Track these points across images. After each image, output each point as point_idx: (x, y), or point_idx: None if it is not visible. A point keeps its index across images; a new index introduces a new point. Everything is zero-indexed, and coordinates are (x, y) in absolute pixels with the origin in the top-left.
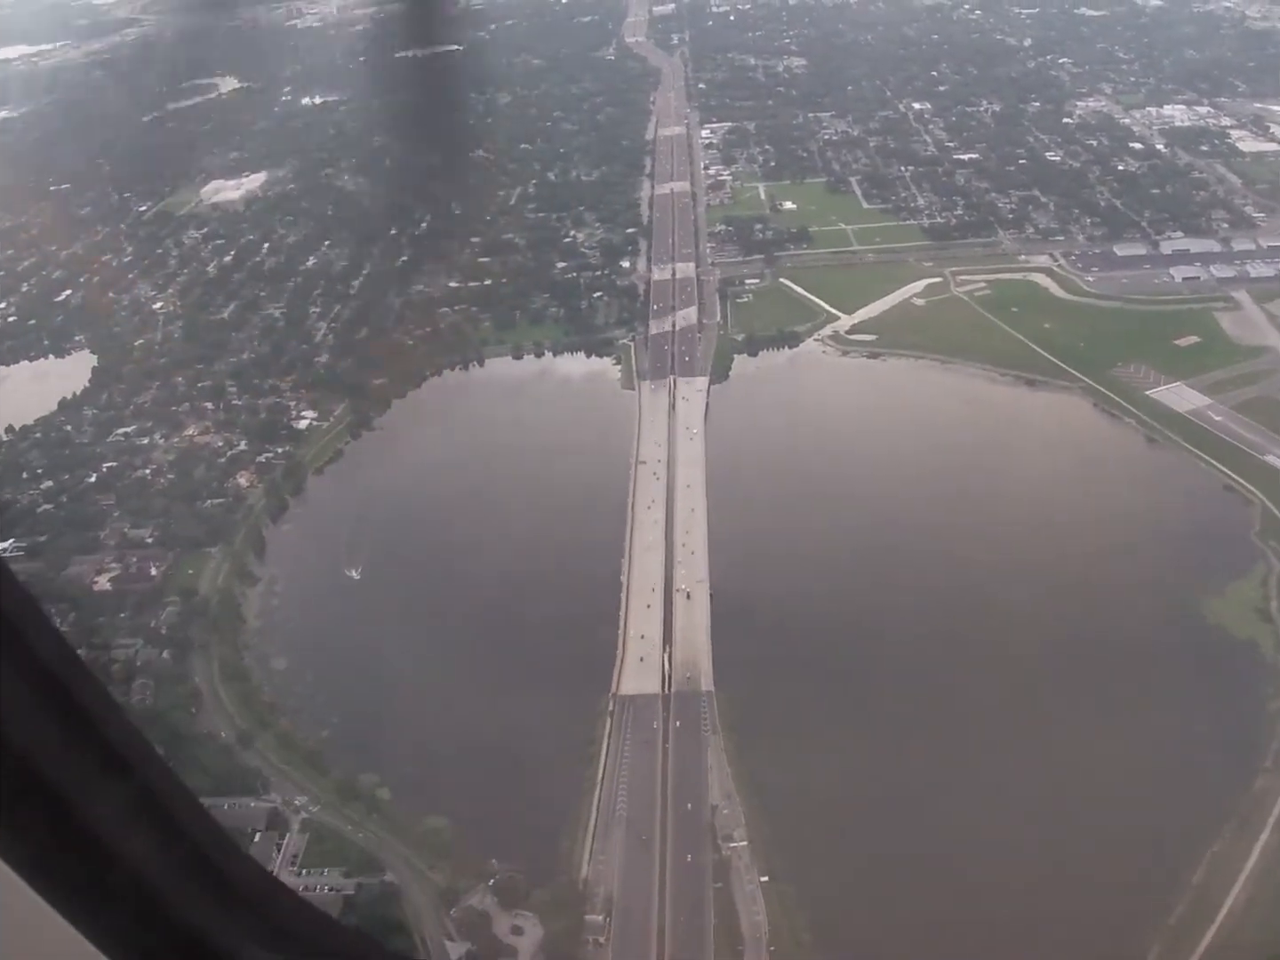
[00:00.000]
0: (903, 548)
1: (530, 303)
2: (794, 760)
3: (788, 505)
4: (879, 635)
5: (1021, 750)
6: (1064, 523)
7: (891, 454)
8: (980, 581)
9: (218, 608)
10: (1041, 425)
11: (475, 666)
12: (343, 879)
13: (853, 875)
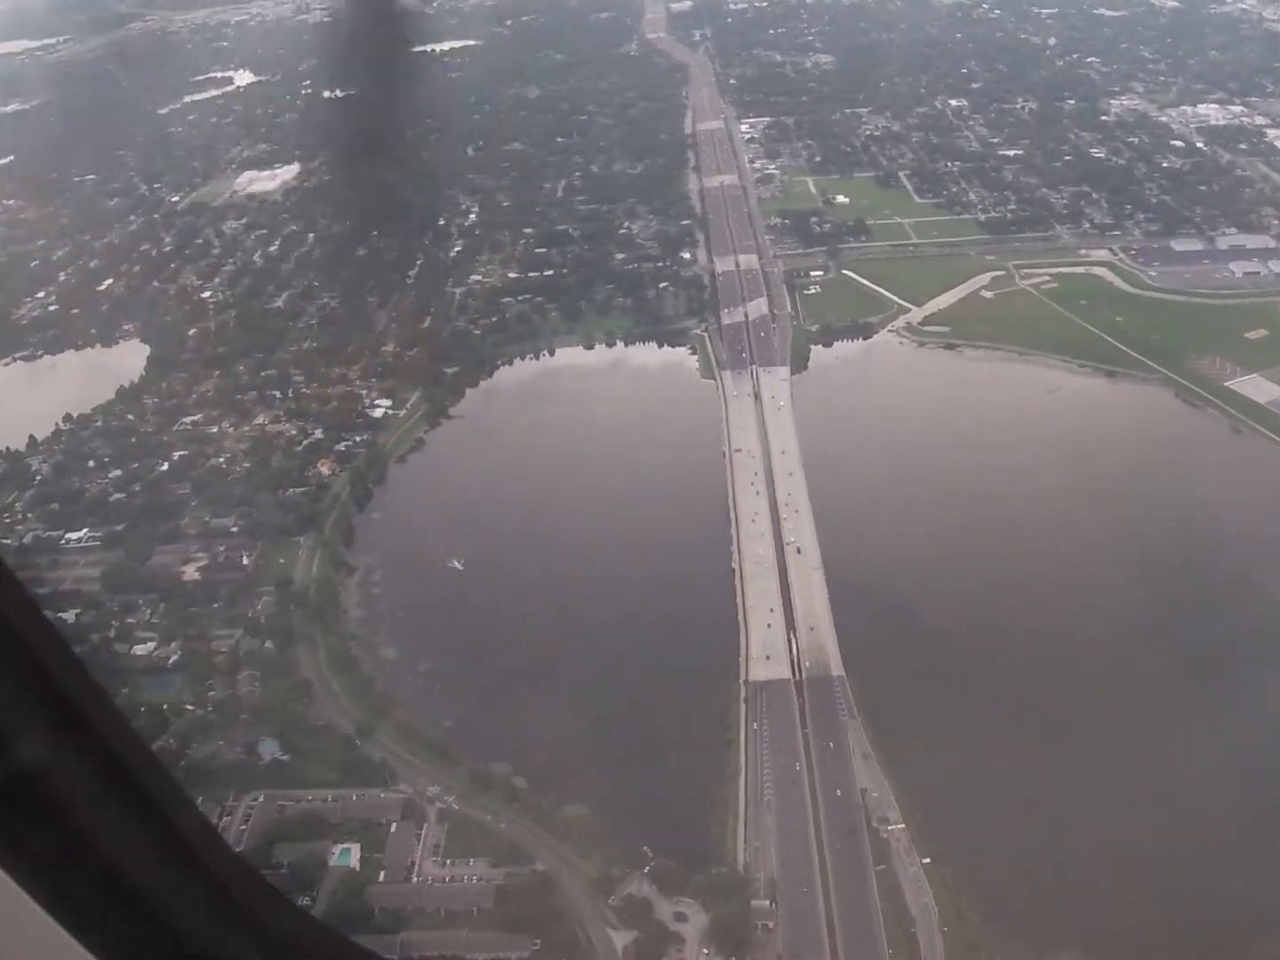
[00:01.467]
0: (1010, 534)
1: (595, 293)
2: (935, 743)
3: (888, 492)
4: (996, 620)
5: (1161, 732)
6: (1166, 508)
7: (985, 443)
8: (1094, 569)
9: (316, 597)
10: (1129, 415)
11: (595, 655)
12: (490, 869)
13: (1010, 856)
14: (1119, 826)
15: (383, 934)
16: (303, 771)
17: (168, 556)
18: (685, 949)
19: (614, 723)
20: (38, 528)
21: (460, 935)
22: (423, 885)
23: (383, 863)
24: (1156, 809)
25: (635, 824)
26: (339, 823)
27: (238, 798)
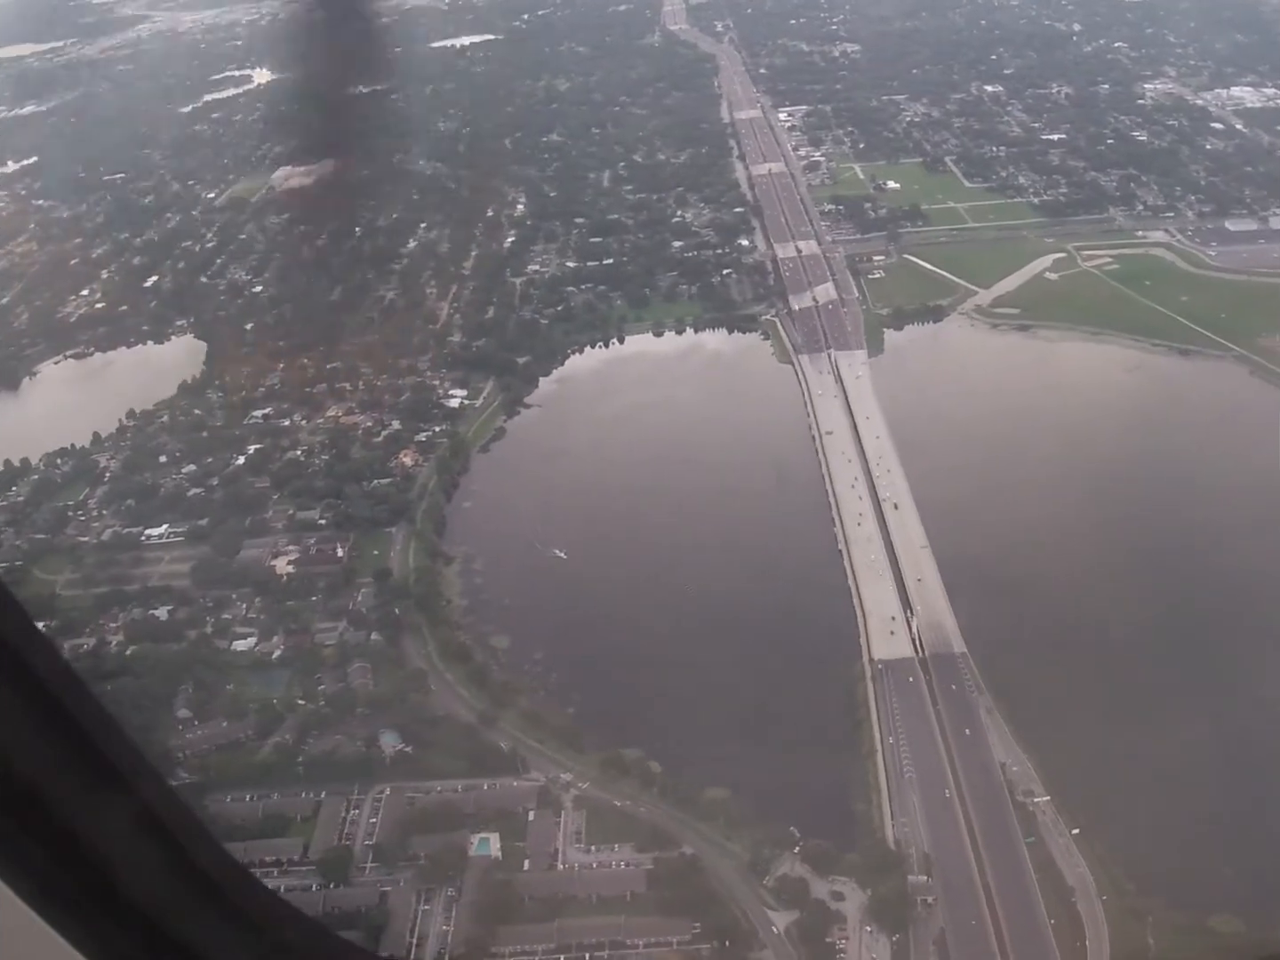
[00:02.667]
0: (1111, 507)
1: (658, 280)
2: (1066, 715)
3: (984, 471)
4: (1109, 592)
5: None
6: (1268, 479)
7: (1072, 421)
8: (1204, 538)
9: (418, 588)
10: (1209, 391)
11: (711, 638)
12: (636, 854)
13: (1157, 824)
14: (1262, 791)
15: (536, 922)
16: (428, 762)
17: (257, 550)
18: (847, 927)
19: (740, 704)
20: (115, 524)
21: (617, 920)
22: (570, 872)
23: (525, 851)
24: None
25: (777, 805)
26: (474, 812)
27: (363, 791)
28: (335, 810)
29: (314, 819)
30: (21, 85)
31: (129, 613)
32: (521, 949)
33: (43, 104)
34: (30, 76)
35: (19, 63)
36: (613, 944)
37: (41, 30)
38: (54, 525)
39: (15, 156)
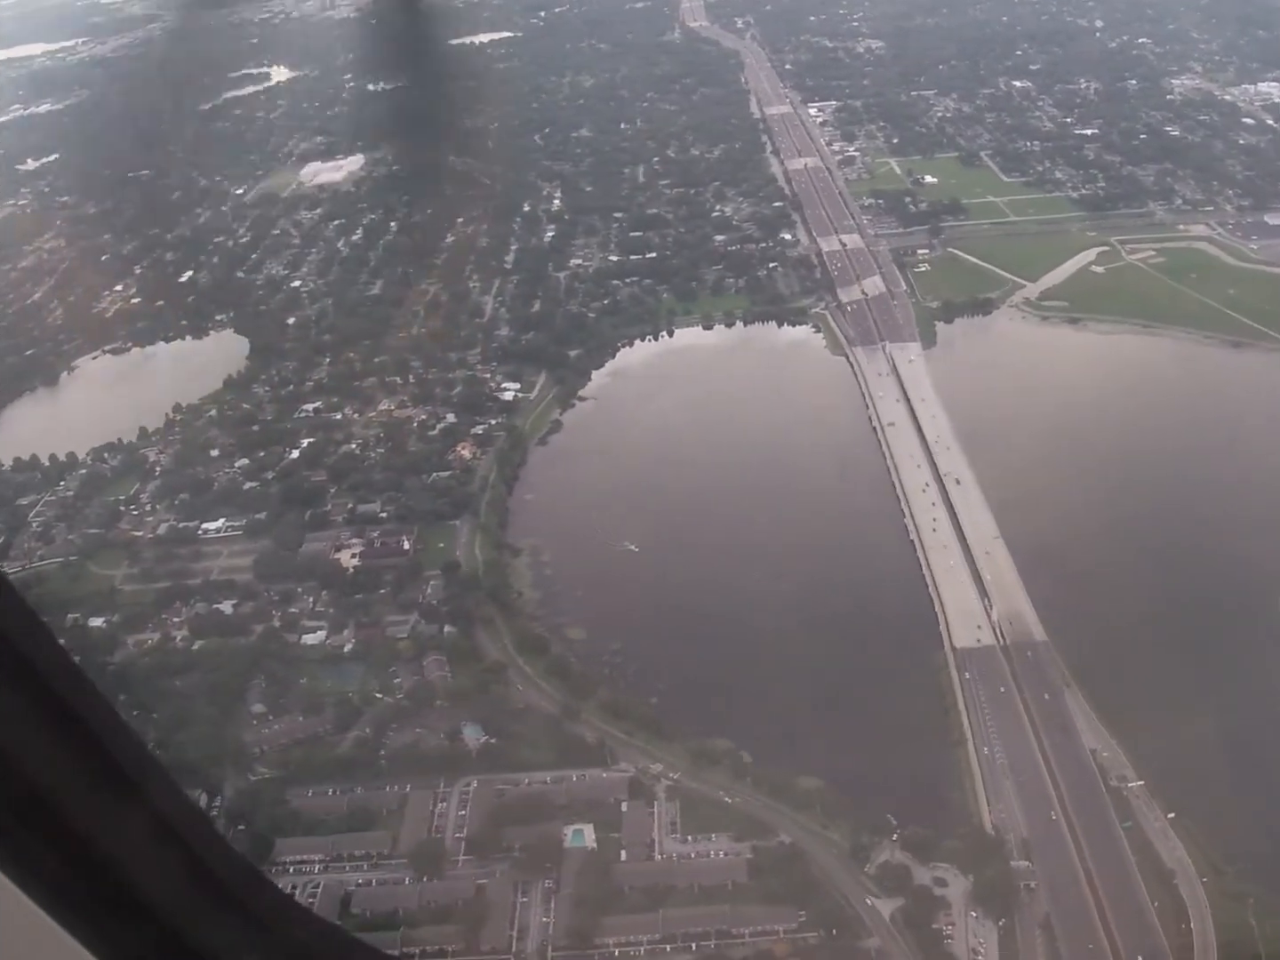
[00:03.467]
0: (1180, 497)
1: (703, 274)
2: (1152, 701)
3: (1048, 460)
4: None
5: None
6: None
7: (1134, 413)
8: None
9: (488, 580)
10: (1265, 383)
11: (788, 628)
12: (734, 843)
13: (1250, 808)
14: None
15: (639, 913)
16: (514, 755)
17: (319, 544)
18: (952, 913)
19: (824, 693)
20: (169, 519)
21: (722, 910)
22: (668, 862)
23: (621, 842)
24: None
25: (870, 793)
26: (566, 804)
27: (449, 784)
28: (423, 803)
29: (401, 812)
30: (36, 84)
31: (192, 607)
32: (626, 940)
33: (59, 102)
34: (44, 75)
35: (31, 62)
36: (719, 934)
37: (51, 30)
38: (107, 520)
39: (35, 154)
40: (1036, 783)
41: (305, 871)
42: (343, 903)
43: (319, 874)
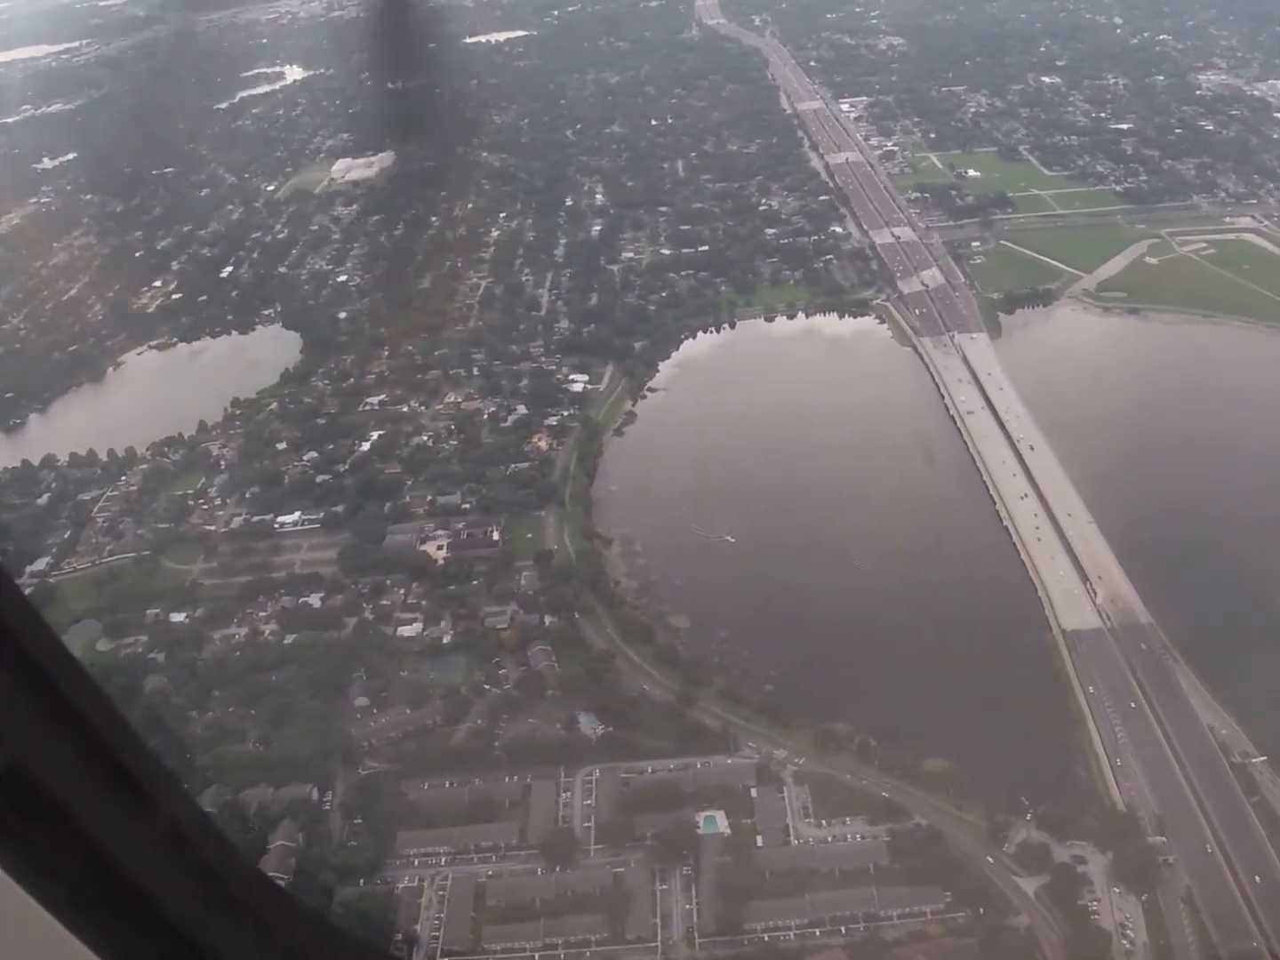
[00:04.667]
0: (1265, 480)
1: (759, 266)
2: (1265, 680)
3: (1131, 448)
4: None
5: None
6: None
7: (1210, 398)
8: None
9: (584, 570)
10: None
11: (893, 613)
12: (869, 826)
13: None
14: None
15: (783, 898)
16: (634, 743)
17: (403, 536)
18: (1095, 890)
19: (939, 676)
20: (240, 512)
21: (868, 893)
22: (806, 847)
23: (755, 828)
24: None
25: (998, 773)
26: (694, 791)
27: (570, 773)
28: (547, 794)
29: (524, 803)
30: (44, 85)
31: (277, 601)
32: (773, 925)
33: (69, 102)
34: (51, 76)
35: (35, 63)
36: (866, 916)
37: (53, 32)
38: (176, 514)
39: (51, 154)
40: (1160, 760)
41: (431, 864)
42: (476, 895)
43: (445, 866)
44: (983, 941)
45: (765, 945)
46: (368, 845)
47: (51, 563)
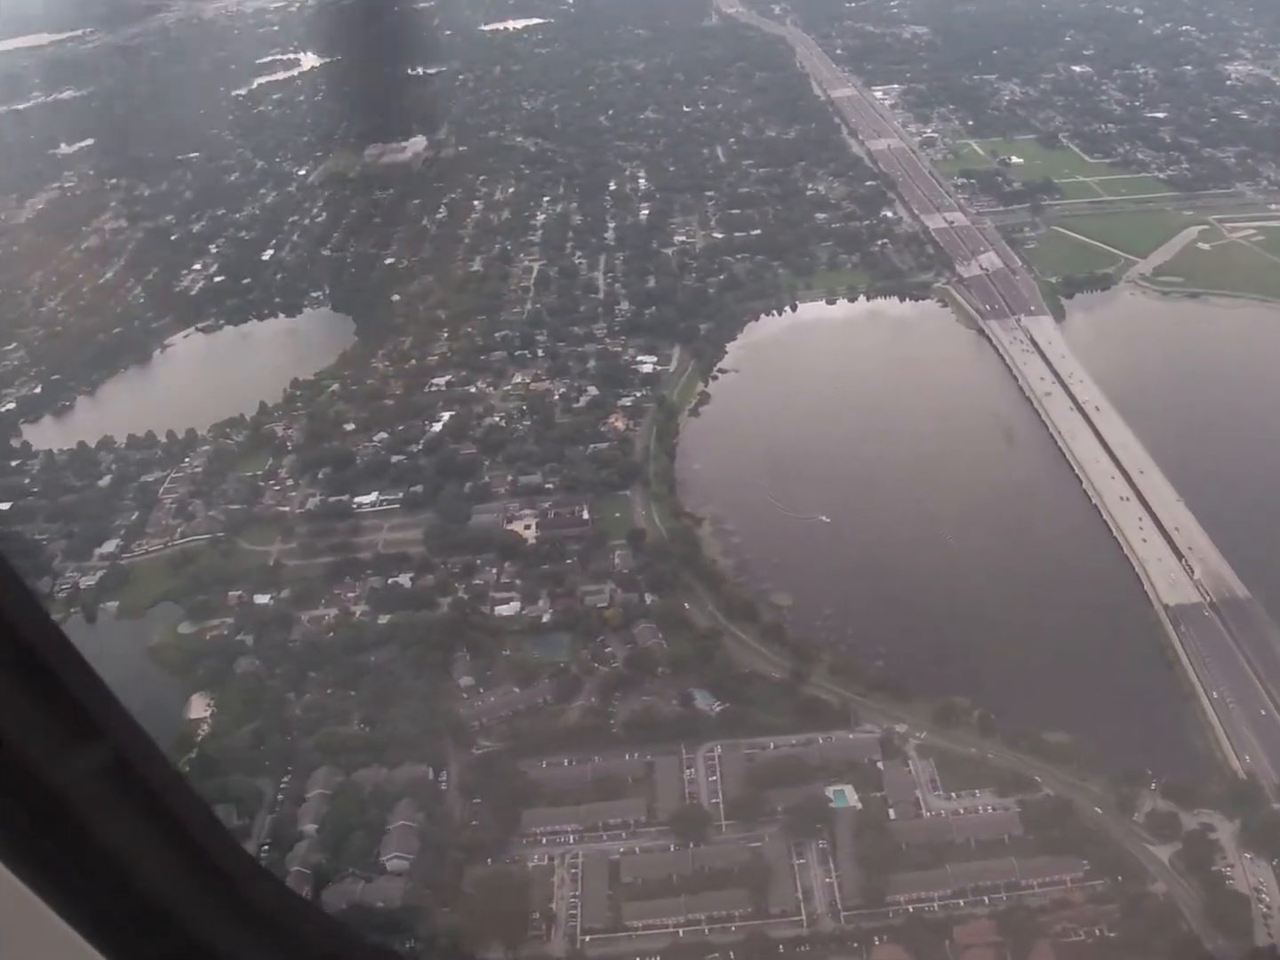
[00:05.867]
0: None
1: (815, 250)
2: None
3: (1210, 428)
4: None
5: None
6: None
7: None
8: None
9: (679, 548)
10: None
11: (994, 589)
12: (998, 798)
13: None
14: None
15: (923, 869)
16: (753, 719)
17: (488, 515)
18: (1227, 856)
19: (1047, 651)
20: (314, 493)
21: (1008, 863)
22: (938, 819)
23: (886, 801)
24: None
25: (1117, 745)
26: (820, 765)
27: (690, 750)
28: (670, 770)
29: (648, 780)
30: (51, 71)
31: (365, 581)
32: (916, 896)
33: (81, 89)
34: (58, 63)
35: (39, 51)
36: (1008, 886)
37: (56, 19)
38: (248, 495)
39: (68, 139)
40: (1275, 729)
41: (559, 842)
42: (611, 872)
43: (574, 844)
44: (1124, 908)
45: (911, 917)
46: (492, 824)
47: (121, 544)
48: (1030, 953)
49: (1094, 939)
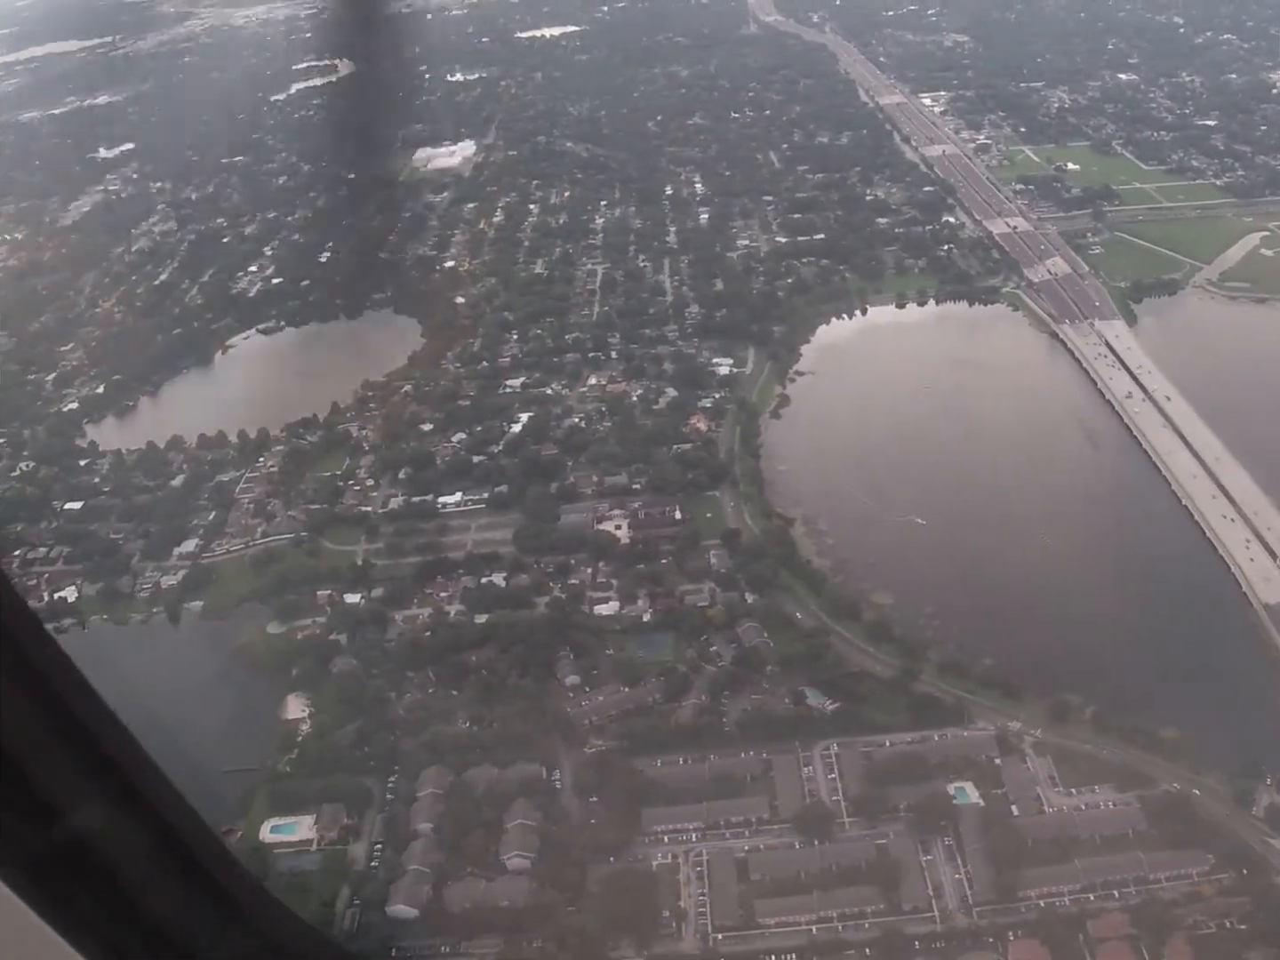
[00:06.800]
0: None
1: (880, 254)
2: None
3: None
4: None
5: None
6: None
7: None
8: None
9: (776, 548)
10: None
11: (1092, 590)
12: (1117, 794)
13: None
14: None
15: (1051, 864)
16: (867, 717)
17: (578, 515)
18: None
19: (1150, 649)
20: (395, 493)
21: (1135, 857)
22: (1062, 815)
23: (1008, 797)
24: None
25: (1228, 740)
26: (939, 763)
27: (806, 747)
28: (788, 768)
29: (765, 778)
30: (87, 76)
31: (457, 581)
32: (1046, 891)
33: (116, 94)
34: (89, 69)
35: (70, 57)
36: (1136, 880)
37: (82, 27)
38: (328, 495)
39: (108, 143)
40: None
41: (682, 840)
42: (739, 870)
43: (697, 842)
44: (1255, 900)
45: (1043, 911)
46: (612, 823)
47: (200, 544)
48: (1165, 945)
49: (1226, 931)
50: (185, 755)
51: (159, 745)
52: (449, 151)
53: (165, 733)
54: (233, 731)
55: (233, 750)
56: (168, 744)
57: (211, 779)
